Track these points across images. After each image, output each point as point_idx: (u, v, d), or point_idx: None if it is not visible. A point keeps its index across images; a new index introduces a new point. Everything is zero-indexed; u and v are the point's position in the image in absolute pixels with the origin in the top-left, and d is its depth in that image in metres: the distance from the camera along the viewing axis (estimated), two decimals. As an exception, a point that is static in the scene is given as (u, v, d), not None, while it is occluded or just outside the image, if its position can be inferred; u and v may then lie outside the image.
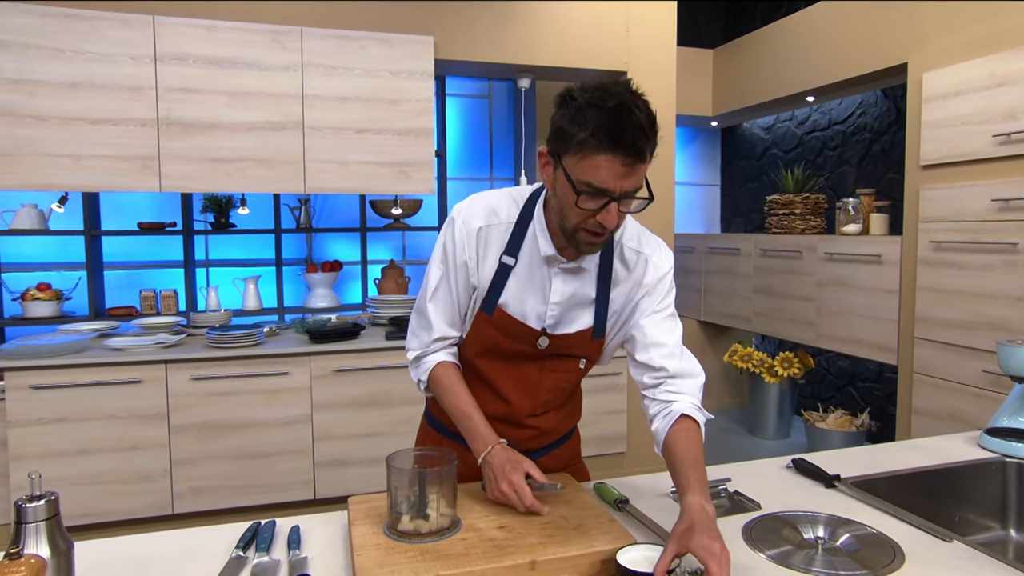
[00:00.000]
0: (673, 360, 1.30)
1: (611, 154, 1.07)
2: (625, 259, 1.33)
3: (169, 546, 1.21)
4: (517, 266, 1.30)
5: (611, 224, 1.13)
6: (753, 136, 5.18)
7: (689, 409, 1.27)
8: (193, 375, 3.01)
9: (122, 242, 4.12)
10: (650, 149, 1.09)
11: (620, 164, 1.07)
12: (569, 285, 1.30)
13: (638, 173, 1.10)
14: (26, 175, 2.90)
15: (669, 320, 1.34)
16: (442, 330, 1.36)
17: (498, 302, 1.30)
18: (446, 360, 1.37)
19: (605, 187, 1.09)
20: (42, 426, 2.86)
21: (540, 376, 1.36)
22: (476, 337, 1.35)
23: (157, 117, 2.98)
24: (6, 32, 2.82)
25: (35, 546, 0.87)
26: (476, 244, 1.30)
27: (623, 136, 1.05)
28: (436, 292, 1.35)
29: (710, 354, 5.04)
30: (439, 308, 1.35)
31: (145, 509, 2.97)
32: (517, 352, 1.34)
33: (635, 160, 1.08)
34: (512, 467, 1.22)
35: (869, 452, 1.74)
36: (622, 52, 3.58)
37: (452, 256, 1.32)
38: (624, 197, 1.11)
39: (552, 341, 1.32)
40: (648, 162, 1.10)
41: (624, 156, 1.07)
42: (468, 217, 1.32)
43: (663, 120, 1.11)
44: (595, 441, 3.66)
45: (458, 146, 4.69)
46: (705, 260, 4.84)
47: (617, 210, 1.12)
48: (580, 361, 1.37)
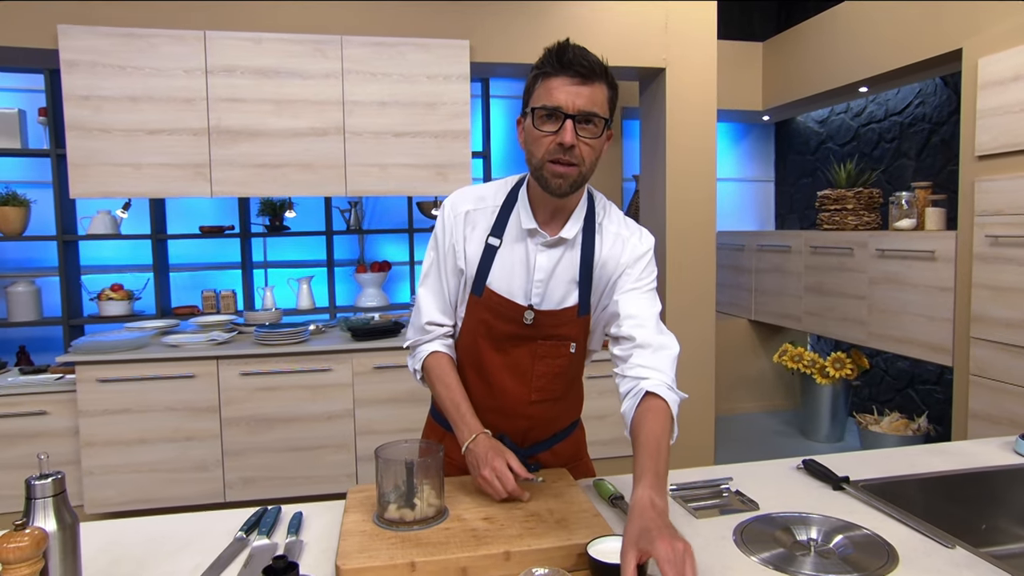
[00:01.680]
0: (642, 331, 1.30)
1: (560, 75, 1.20)
2: (606, 241, 1.37)
3: (181, 527, 1.31)
4: (502, 246, 1.35)
5: (568, 139, 1.20)
6: (807, 130, 5.02)
7: (658, 387, 1.24)
8: (242, 371, 3.17)
9: (187, 245, 4.37)
10: (599, 73, 1.21)
11: (569, 82, 1.20)
12: (553, 261, 1.34)
13: (589, 94, 1.20)
14: (94, 183, 3.13)
15: (646, 296, 1.36)
16: (431, 315, 1.42)
17: (486, 283, 1.35)
18: (439, 350, 1.43)
19: (558, 105, 1.20)
20: (108, 416, 3.08)
21: (532, 363, 1.38)
22: (469, 324, 1.40)
23: (208, 126, 3.16)
24: (76, 53, 3.05)
25: (43, 519, 0.96)
26: (463, 227, 1.37)
27: (567, 57, 1.20)
28: (427, 278, 1.43)
29: (761, 354, 4.91)
30: (429, 293, 1.42)
31: (199, 497, 3.15)
32: (508, 334, 1.37)
33: (583, 78, 1.20)
34: (495, 454, 1.26)
35: (888, 455, 1.69)
36: (660, 49, 3.54)
37: (442, 241, 1.40)
38: (579, 117, 1.21)
39: (539, 317, 1.35)
40: (600, 87, 1.22)
41: (572, 75, 1.20)
42: (456, 202, 1.40)
43: (704, 117, 1.22)
44: (620, 442, 3.64)
45: (504, 146, 4.75)
46: (755, 258, 4.72)
47: (574, 129, 1.20)
48: (570, 345, 1.38)
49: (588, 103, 1.20)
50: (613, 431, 3.60)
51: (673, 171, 3.63)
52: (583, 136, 1.22)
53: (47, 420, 3.09)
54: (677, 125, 3.60)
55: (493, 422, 1.40)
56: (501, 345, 1.38)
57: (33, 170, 4.11)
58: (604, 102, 1.23)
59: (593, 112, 1.21)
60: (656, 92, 3.70)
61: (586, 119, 1.21)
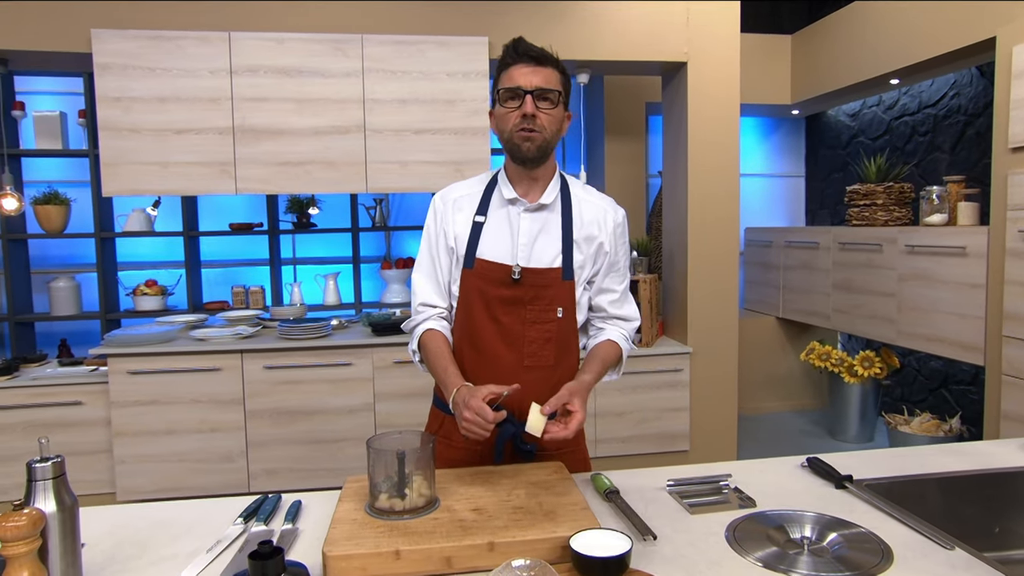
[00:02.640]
0: (614, 306, 1.58)
1: (516, 63, 1.43)
2: (583, 206, 1.55)
3: (184, 512, 1.35)
4: (488, 220, 1.50)
5: (529, 109, 1.41)
6: (838, 124, 4.91)
7: (616, 336, 1.57)
8: (266, 364, 3.24)
9: (219, 242, 4.49)
10: (550, 59, 1.43)
11: (524, 67, 1.42)
12: (536, 225, 1.50)
13: (543, 74, 1.42)
14: (124, 182, 3.23)
15: (621, 272, 1.59)
16: (425, 296, 1.55)
17: (476, 255, 1.49)
18: (433, 327, 1.54)
19: (518, 84, 1.42)
20: (138, 407, 3.18)
21: (523, 329, 1.48)
22: (463, 296, 1.51)
23: (233, 125, 3.24)
24: (109, 56, 3.15)
25: (43, 500, 1.00)
26: (452, 212, 1.53)
27: (521, 47, 1.43)
28: (421, 264, 1.57)
29: (789, 353, 4.82)
30: (423, 277, 1.57)
31: (224, 487, 3.24)
32: (500, 299, 1.48)
33: (536, 62, 1.42)
34: (470, 396, 1.31)
35: (900, 454, 1.65)
36: (681, 43, 3.50)
37: (433, 227, 1.55)
38: (536, 93, 1.41)
39: (526, 275, 1.47)
40: (551, 70, 1.43)
41: (526, 61, 1.42)
42: (445, 193, 1.57)
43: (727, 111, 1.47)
44: (656, 438, 3.62)
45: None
46: (783, 255, 4.64)
47: (533, 103, 1.41)
48: (557, 310, 1.49)
49: (543, 81, 1.42)
50: (632, 428, 3.59)
51: (695, 166, 3.58)
52: (541, 107, 1.42)
53: (82, 410, 3.21)
54: (699, 119, 3.56)
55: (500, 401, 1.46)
56: (495, 312, 1.48)
57: (74, 170, 4.26)
58: (557, 82, 1.44)
59: (548, 88, 1.42)
60: (678, 86, 3.66)
61: (542, 95, 1.42)
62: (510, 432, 1.47)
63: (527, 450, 1.49)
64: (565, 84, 1.47)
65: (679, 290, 3.76)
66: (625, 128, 4.48)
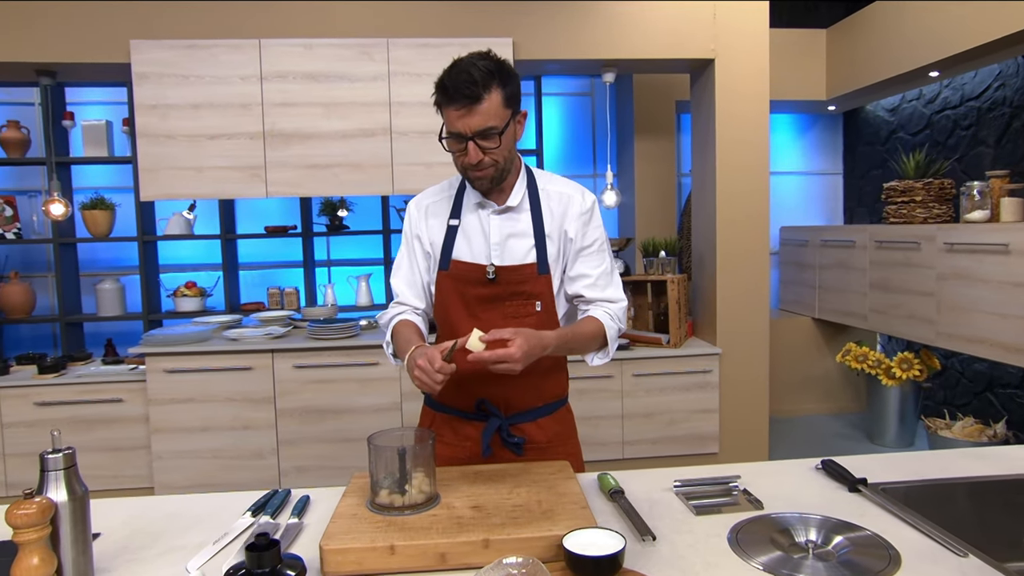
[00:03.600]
0: (592, 290, 1.53)
1: (447, 106, 1.36)
2: (552, 199, 1.53)
3: (197, 505, 1.39)
4: (461, 224, 1.52)
5: (471, 159, 1.37)
6: (877, 119, 4.77)
7: (598, 314, 1.52)
8: (296, 363, 3.31)
9: (256, 244, 4.60)
10: (484, 86, 1.32)
11: (458, 111, 1.34)
12: (506, 224, 1.51)
13: (478, 114, 1.33)
14: (161, 186, 3.34)
15: (595, 255, 1.54)
16: (403, 296, 1.59)
17: (452, 256, 1.51)
18: (404, 319, 1.55)
19: (455, 130, 1.36)
20: (174, 405, 3.29)
21: (502, 323, 1.47)
22: (440, 297, 1.54)
23: (263, 130, 3.32)
24: (145, 65, 3.27)
25: (55, 490, 1.05)
26: (426, 217, 1.56)
27: (448, 89, 1.34)
28: (399, 269, 1.60)
29: (826, 354, 4.70)
30: (400, 280, 1.60)
31: (256, 484, 3.31)
32: (477, 297, 1.50)
33: (469, 102, 1.33)
34: (419, 352, 1.33)
35: (922, 458, 1.60)
36: (708, 40, 3.45)
37: (409, 234, 1.59)
38: (477, 137, 1.35)
39: (501, 273, 1.48)
40: (489, 98, 1.33)
41: (455, 104, 1.34)
42: (419, 199, 1.61)
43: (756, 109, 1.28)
44: (686, 440, 3.58)
45: (557, 144, 4.75)
46: (819, 254, 4.52)
47: (476, 148, 1.36)
48: (535, 303, 1.50)
49: (481, 122, 1.34)
50: (661, 430, 3.55)
51: (724, 165, 3.53)
52: (486, 147, 1.37)
53: (122, 407, 3.33)
54: (728, 117, 3.50)
55: (473, 388, 1.48)
56: (474, 310, 1.50)
57: (119, 176, 4.42)
58: (497, 109, 1.35)
59: (487, 128, 1.35)
60: (706, 84, 3.61)
61: (483, 135, 1.35)
62: (496, 425, 1.48)
63: (514, 443, 1.50)
64: (510, 97, 1.38)
65: (708, 290, 3.70)
66: (655, 127, 4.43)
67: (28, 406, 3.29)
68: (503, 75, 1.36)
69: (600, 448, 3.54)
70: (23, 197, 4.24)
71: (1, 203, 4.06)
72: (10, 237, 4.07)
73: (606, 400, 3.51)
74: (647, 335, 3.64)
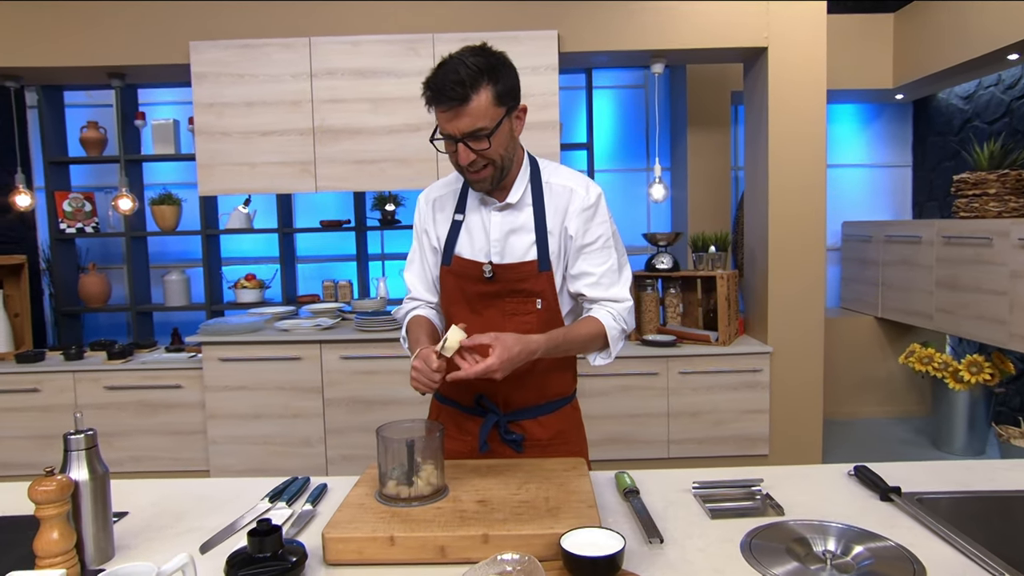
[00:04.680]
0: (596, 289, 1.47)
1: (436, 106, 1.32)
2: (555, 193, 1.48)
3: (222, 489, 1.44)
4: (466, 219, 1.51)
5: (462, 161, 1.34)
6: (950, 108, 4.49)
7: (600, 314, 1.47)
8: (343, 355, 3.39)
9: (315, 238, 4.74)
10: (472, 86, 1.27)
11: (447, 113, 1.31)
12: (507, 221, 1.47)
13: (466, 115, 1.29)
14: (217, 182, 3.47)
15: (599, 253, 1.47)
16: (416, 291, 1.60)
17: (454, 252, 1.50)
18: (418, 313, 1.57)
19: (447, 133, 1.33)
20: (228, 392, 3.42)
21: (503, 321, 1.47)
22: (444, 292, 1.55)
23: (313, 126, 3.40)
24: (203, 65, 3.40)
25: (77, 469, 1.10)
26: (432, 212, 1.55)
27: (436, 90, 1.30)
28: (412, 263, 1.61)
29: (890, 355, 4.48)
30: (413, 275, 1.61)
31: (303, 471, 3.39)
32: (478, 294, 1.48)
33: (458, 103, 1.28)
34: (416, 353, 1.34)
35: (969, 467, 1.50)
36: (761, 28, 3.32)
37: (418, 228, 1.59)
38: (467, 138, 1.31)
39: (499, 271, 1.46)
40: (478, 98, 1.28)
41: (443, 105, 1.30)
42: (428, 191, 1.59)
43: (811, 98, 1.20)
44: (734, 441, 3.48)
45: (608, 137, 4.68)
46: (883, 250, 4.31)
47: (466, 149, 1.33)
48: (536, 301, 1.47)
49: (470, 124, 1.30)
50: (708, 429, 3.47)
51: (776, 157, 3.40)
52: (477, 147, 1.33)
53: (181, 393, 3.49)
54: (781, 108, 3.37)
55: (473, 384, 1.47)
56: (475, 307, 1.49)
57: (186, 173, 4.62)
58: (487, 108, 1.30)
59: (476, 129, 1.31)
60: (758, 74, 3.48)
61: (472, 136, 1.32)
62: (493, 421, 1.47)
63: (511, 439, 1.48)
64: (503, 95, 1.32)
65: (760, 287, 3.58)
66: (709, 119, 4.31)
67: (99, 389, 3.49)
68: (494, 72, 1.31)
69: (644, 446, 3.48)
70: (101, 193, 4.50)
71: (81, 199, 4.32)
72: (89, 231, 4.32)
73: (651, 398, 3.45)
74: (695, 332, 3.55)
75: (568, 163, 4.56)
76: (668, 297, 3.76)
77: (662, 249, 3.68)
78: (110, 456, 3.49)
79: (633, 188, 4.70)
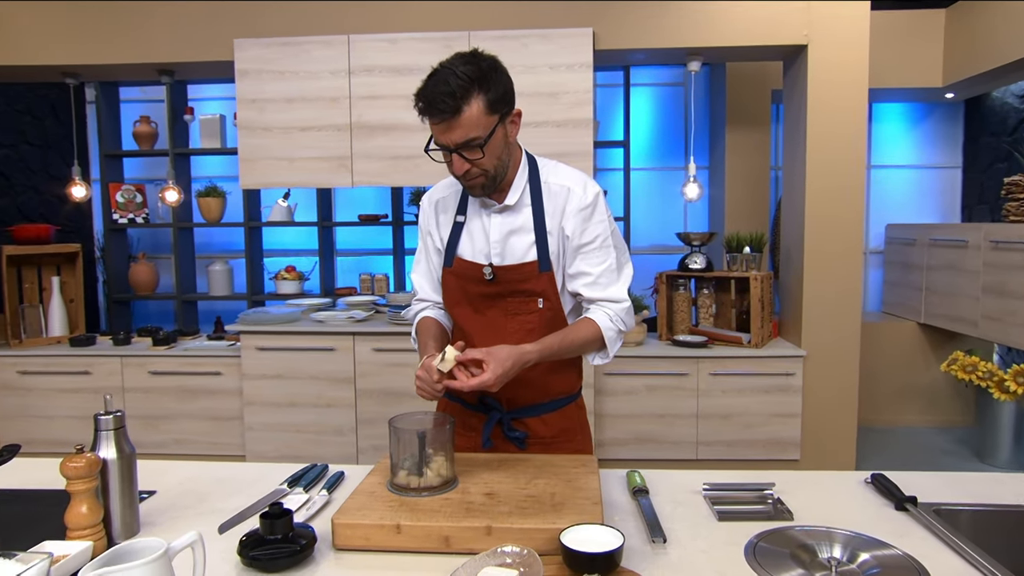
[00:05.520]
0: (593, 289, 1.47)
1: (428, 118, 1.32)
2: (552, 193, 1.47)
3: (244, 473, 1.50)
4: (467, 221, 1.52)
5: (457, 171, 1.37)
6: (1004, 107, 4.32)
7: (596, 316, 1.47)
8: (375, 347, 3.46)
9: (354, 232, 4.83)
10: (461, 98, 1.27)
11: (438, 125, 1.31)
12: (506, 223, 1.47)
13: (458, 127, 1.30)
14: (259, 176, 3.58)
15: (596, 252, 1.47)
16: (423, 292, 1.62)
17: (456, 254, 1.51)
18: (427, 315, 1.60)
19: (441, 143, 1.34)
20: (264, 380, 3.52)
21: (505, 320, 1.49)
22: (446, 293, 1.56)
23: (350, 122, 3.47)
24: (247, 62, 3.50)
25: (106, 448, 1.17)
26: (435, 213, 1.56)
27: (427, 103, 1.30)
28: (418, 264, 1.64)
29: (932, 362, 4.34)
30: (420, 276, 1.63)
31: (335, 458, 3.48)
32: (479, 295, 1.50)
33: (449, 116, 1.28)
34: (421, 363, 1.40)
35: (999, 480, 1.46)
36: (801, 25, 3.25)
37: (423, 229, 1.60)
38: (461, 148, 1.32)
39: (499, 273, 1.47)
40: (469, 109, 1.28)
41: (434, 118, 1.30)
42: (431, 193, 1.60)
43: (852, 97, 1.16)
44: (764, 445, 3.43)
45: (646, 135, 4.65)
46: (927, 254, 4.18)
47: (460, 158, 1.33)
48: (537, 301, 1.47)
49: (462, 135, 1.31)
50: (738, 432, 3.43)
51: (814, 158, 3.33)
52: (470, 157, 1.34)
53: (220, 380, 3.61)
54: (820, 107, 3.30)
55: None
56: (477, 307, 1.51)
57: (231, 166, 4.77)
58: (479, 118, 1.30)
59: (469, 139, 1.31)
60: (798, 72, 3.41)
61: (465, 147, 1.32)
62: (496, 418, 1.49)
63: (515, 437, 1.50)
64: (494, 103, 1.32)
65: (794, 290, 3.52)
66: (749, 118, 4.24)
67: (144, 374, 3.64)
68: (485, 80, 1.30)
69: (673, 447, 3.46)
70: (151, 185, 4.67)
71: (132, 191, 4.50)
72: (139, 221, 4.50)
73: (680, 398, 3.42)
74: (727, 333, 3.51)
75: (604, 161, 4.58)
76: (701, 297, 3.72)
77: (696, 249, 3.64)
78: (154, 438, 3.65)
79: (670, 187, 4.66)
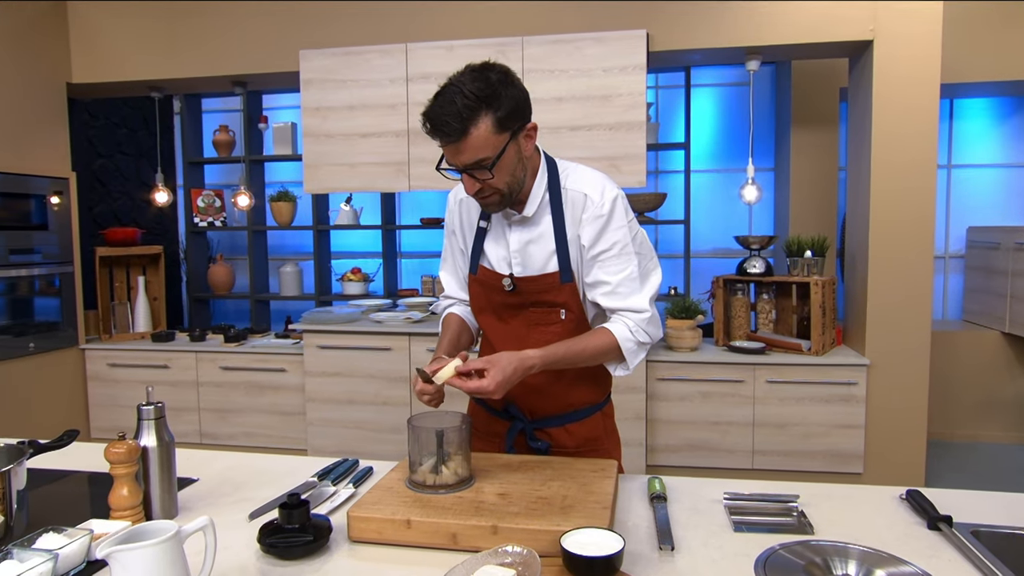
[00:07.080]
0: (612, 299, 1.41)
1: (436, 139, 1.30)
2: (571, 199, 1.43)
3: (280, 465, 1.58)
4: (490, 228, 1.51)
5: (468, 191, 1.35)
6: (1105, 99, 4.00)
7: (617, 327, 1.41)
8: (429, 347, 3.54)
9: (418, 235, 4.96)
10: (468, 119, 1.25)
11: (447, 146, 1.30)
12: (525, 234, 1.46)
13: (466, 148, 1.28)
14: (321, 181, 3.73)
15: (615, 260, 1.41)
16: (449, 290, 1.65)
17: (479, 261, 1.52)
18: (452, 312, 1.62)
19: (451, 163, 1.32)
20: (325, 378, 3.66)
21: (527, 331, 1.48)
22: (472, 299, 1.58)
23: (408, 128, 3.57)
24: (311, 72, 3.66)
25: (147, 436, 1.26)
26: (460, 213, 1.56)
27: (433, 125, 1.29)
28: (445, 262, 1.66)
29: (1018, 375, 4.06)
30: (447, 274, 1.65)
31: (392, 456, 3.58)
32: (501, 304, 1.50)
33: (455, 138, 1.27)
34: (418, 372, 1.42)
35: (1045, 501, 1.37)
36: (866, 19, 3.11)
37: (449, 226, 1.61)
38: (470, 168, 1.30)
39: (520, 284, 1.46)
40: (476, 130, 1.26)
41: (443, 139, 1.29)
42: (456, 191, 1.57)
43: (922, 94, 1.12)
44: (824, 457, 3.30)
45: (706, 136, 4.55)
46: (1012, 258, 3.91)
47: (470, 179, 1.32)
48: (560, 312, 1.46)
49: (471, 156, 1.29)
50: (795, 442, 3.32)
51: (880, 158, 3.18)
52: (481, 177, 1.32)
53: (284, 376, 3.78)
54: (887, 105, 3.14)
55: None
56: (501, 315, 1.52)
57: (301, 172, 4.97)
58: (487, 138, 1.27)
59: (477, 161, 1.29)
60: (863, 69, 3.27)
61: (475, 167, 1.30)
62: (519, 428, 1.50)
63: (537, 447, 1.50)
64: (502, 121, 1.28)
65: (859, 296, 3.37)
66: (815, 117, 4.09)
67: (216, 369, 3.85)
68: (493, 98, 1.26)
69: (727, 456, 3.38)
70: (229, 191, 4.94)
71: (212, 196, 4.77)
72: (218, 225, 4.77)
73: (735, 406, 3.34)
74: (786, 340, 3.40)
75: (665, 163, 4.53)
76: (760, 303, 3.62)
77: (755, 253, 3.55)
78: (225, 430, 3.86)
79: (733, 189, 4.54)
